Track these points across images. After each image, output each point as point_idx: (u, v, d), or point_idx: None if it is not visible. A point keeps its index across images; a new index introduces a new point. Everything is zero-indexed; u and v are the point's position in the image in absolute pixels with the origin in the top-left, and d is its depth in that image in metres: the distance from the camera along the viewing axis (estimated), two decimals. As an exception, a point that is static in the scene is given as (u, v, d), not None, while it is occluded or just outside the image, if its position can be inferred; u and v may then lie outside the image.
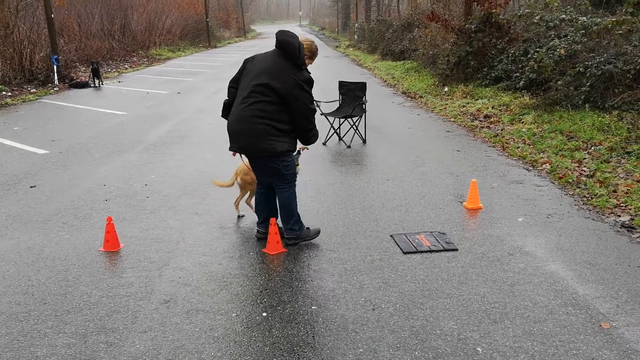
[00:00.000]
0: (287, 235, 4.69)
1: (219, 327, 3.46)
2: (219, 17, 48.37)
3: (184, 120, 10.55)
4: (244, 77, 4.46)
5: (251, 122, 4.28)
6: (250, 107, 4.29)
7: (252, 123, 4.28)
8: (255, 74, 4.34)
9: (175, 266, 4.32)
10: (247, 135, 4.33)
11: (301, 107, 4.33)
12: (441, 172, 6.83)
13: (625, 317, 3.49)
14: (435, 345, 3.23)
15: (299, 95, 4.29)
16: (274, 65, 4.32)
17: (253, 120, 4.28)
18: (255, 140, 4.31)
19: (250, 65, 4.46)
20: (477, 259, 4.38)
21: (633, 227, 4.94)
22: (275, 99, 4.26)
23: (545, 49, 10.46)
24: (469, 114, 10.47)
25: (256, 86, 4.28)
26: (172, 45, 30.40)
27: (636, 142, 7.14)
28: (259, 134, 4.28)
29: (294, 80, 4.26)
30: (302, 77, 4.32)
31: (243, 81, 4.45)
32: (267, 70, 4.29)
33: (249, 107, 4.29)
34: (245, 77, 4.45)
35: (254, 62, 4.46)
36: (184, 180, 6.55)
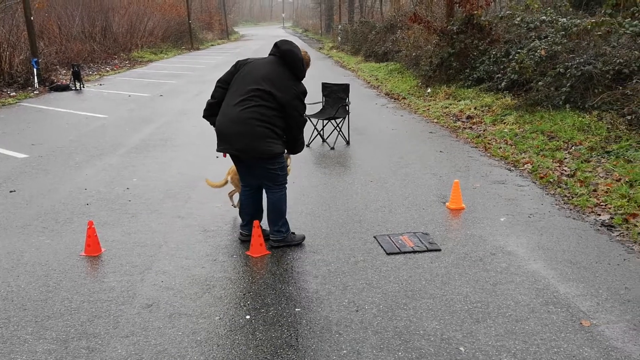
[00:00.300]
0: (273, 237, 4.67)
1: (202, 330, 3.44)
2: (202, 19, 48.15)
3: (166, 123, 10.49)
4: (238, 79, 4.44)
5: (252, 124, 4.27)
6: (250, 110, 4.28)
7: (253, 125, 4.27)
8: (254, 79, 4.34)
9: (158, 270, 4.29)
10: (246, 136, 4.30)
11: (297, 117, 4.43)
12: (424, 172, 6.86)
13: (606, 314, 3.53)
14: (419, 345, 3.24)
15: (297, 105, 4.39)
16: (275, 74, 4.36)
17: (254, 123, 4.27)
18: (255, 142, 4.30)
19: (246, 68, 4.45)
20: (459, 259, 4.40)
21: (613, 226, 5.01)
22: (275, 105, 4.31)
23: (526, 50, 10.57)
24: (451, 115, 10.54)
25: (256, 90, 4.29)
26: (154, 47, 30.19)
27: (615, 141, 7.23)
28: (259, 136, 4.29)
29: (294, 91, 4.34)
30: (301, 88, 4.43)
31: (237, 84, 4.43)
32: (269, 78, 4.32)
33: (249, 110, 4.28)
34: (239, 79, 4.43)
35: (250, 66, 4.45)
36: (167, 184, 6.51)
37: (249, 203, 4.74)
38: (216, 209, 5.61)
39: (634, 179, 5.93)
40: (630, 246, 4.58)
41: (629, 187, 5.77)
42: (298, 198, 5.92)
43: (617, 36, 9.86)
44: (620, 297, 3.74)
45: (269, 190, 4.59)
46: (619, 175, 6.17)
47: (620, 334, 3.30)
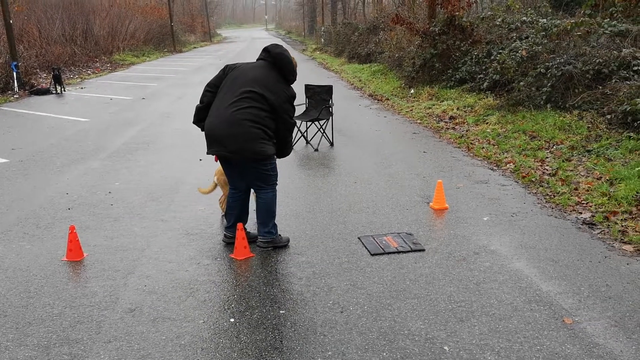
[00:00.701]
0: (263, 238, 4.65)
1: (186, 334, 3.42)
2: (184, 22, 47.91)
3: (149, 126, 10.41)
4: (228, 82, 4.44)
5: (245, 126, 4.26)
6: (243, 111, 4.27)
7: (246, 126, 4.26)
8: (246, 81, 4.34)
9: (141, 274, 4.25)
10: (239, 138, 4.27)
11: (286, 120, 4.46)
12: (408, 173, 6.89)
13: (587, 311, 3.57)
14: (403, 345, 3.24)
15: (288, 109, 4.44)
16: (266, 77, 4.38)
17: (246, 124, 4.26)
18: (249, 143, 4.29)
19: (235, 72, 4.45)
20: (443, 259, 4.42)
21: (594, 224, 5.06)
22: (267, 107, 4.33)
23: (507, 51, 10.67)
24: (434, 116, 10.59)
25: (248, 92, 4.29)
26: (136, 50, 29.98)
27: (596, 140, 7.33)
28: (252, 137, 4.28)
29: (285, 95, 4.39)
30: (291, 92, 4.48)
31: (227, 87, 4.42)
32: (260, 81, 4.34)
33: (241, 111, 4.27)
34: (229, 82, 4.42)
35: (239, 70, 4.46)
36: (149, 187, 6.46)
37: (236, 205, 4.72)
38: (199, 212, 5.58)
39: (614, 177, 6.01)
40: (611, 244, 4.64)
41: (610, 186, 5.85)
42: (282, 200, 5.90)
43: (596, 36, 10.00)
44: (602, 294, 3.78)
45: (261, 190, 4.58)
46: (600, 173, 6.25)
47: (602, 331, 3.34)
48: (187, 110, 12.15)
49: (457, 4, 13.28)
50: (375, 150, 8.19)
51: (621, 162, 6.45)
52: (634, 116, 7.19)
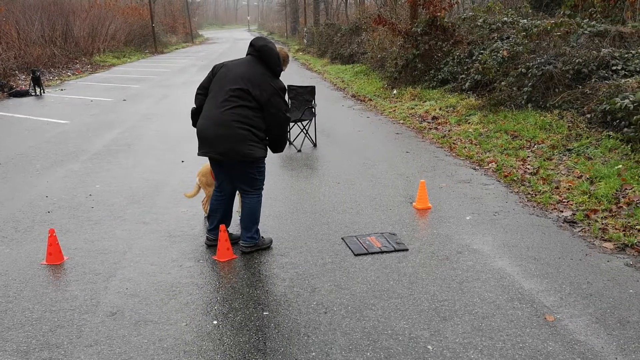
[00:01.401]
0: (244, 243, 4.59)
1: (168, 337, 3.38)
2: (166, 23, 47.58)
3: (130, 127, 10.31)
4: (216, 82, 4.39)
5: (233, 127, 4.22)
6: (231, 112, 4.23)
7: (234, 128, 4.22)
8: (232, 78, 4.29)
9: (122, 277, 4.20)
10: (228, 139, 4.24)
11: (277, 115, 4.34)
12: (391, 173, 6.90)
13: (569, 309, 3.60)
14: (387, 345, 3.24)
15: (276, 102, 4.31)
16: (252, 71, 4.30)
17: (235, 125, 4.22)
18: (237, 145, 4.24)
19: (223, 70, 4.41)
20: (427, 258, 4.43)
21: (575, 222, 5.11)
22: (254, 105, 4.26)
23: (488, 51, 10.75)
24: (417, 116, 10.63)
25: (234, 90, 4.24)
26: (117, 51, 29.70)
27: (576, 139, 7.40)
28: (240, 139, 4.23)
29: (272, 88, 4.28)
30: (279, 84, 4.36)
31: (215, 86, 4.38)
32: (246, 77, 4.26)
33: (228, 111, 4.23)
34: (218, 82, 4.38)
35: (227, 68, 4.41)
36: (130, 189, 6.39)
37: (219, 208, 4.67)
38: (181, 214, 5.53)
39: (594, 176, 6.07)
40: (592, 241, 4.69)
41: (590, 184, 5.91)
42: (265, 201, 5.86)
43: (576, 36, 10.12)
44: (583, 292, 3.82)
45: (246, 194, 4.53)
46: (580, 172, 6.31)
47: (583, 328, 3.37)
48: (169, 111, 12.08)
49: (438, 4, 13.35)
50: (359, 150, 8.19)
51: (601, 161, 6.52)
52: (613, 115, 7.28)
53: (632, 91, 7.27)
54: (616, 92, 7.59)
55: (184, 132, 9.70)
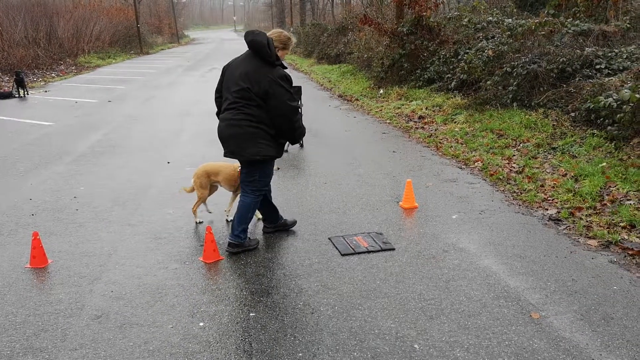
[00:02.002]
0: (230, 240, 4.58)
1: (154, 340, 3.36)
2: (151, 23, 47.30)
3: (115, 129, 10.23)
4: (225, 84, 4.45)
5: (243, 126, 4.30)
6: (240, 112, 4.30)
7: (244, 126, 4.30)
8: (234, 79, 4.32)
9: (107, 280, 4.17)
10: (237, 138, 4.33)
11: (279, 106, 4.26)
12: (378, 173, 6.91)
13: (554, 306, 3.62)
14: (374, 345, 3.24)
15: (276, 92, 4.23)
16: (249, 68, 4.28)
17: (245, 124, 4.30)
18: (245, 142, 4.32)
19: (228, 71, 4.44)
20: (413, 258, 4.44)
21: (559, 220, 5.15)
22: (258, 102, 4.26)
23: (474, 51, 10.81)
24: (403, 116, 10.66)
25: (238, 92, 4.28)
26: (102, 52, 29.46)
27: (561, 138, 7.46)
28: (249, 137, 4.31)
29: (269, 79, 4.21)
30: (277, 73, 4.25)
31: (224, 88, 4.44)
32: (244, 74, 4.27)
33: (239, 112, 4.30)
34: (225, 84, 4.43)
35: (231, 69, 4.43)
36: (115, 191, 6.34)
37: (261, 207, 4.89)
38: (168, 216, 5.50)
39: (578, 174, 6.12)
40: (577, 239, 4.72)
41: (574, 182, 5.96)
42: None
43: (560, 36, 10.21)
44: (568, 289, 3.85)
45: (243, 193, 4.58)
46: (565, 170, 6.36)
47: (568, 325, 3.39)
48: (154, 113, 12.00)
49: (424, 4, 13.40)
50: (345, 150, 8.19)
51: (585, 159, 6.58)
52: (597, 114, 7.34)
53: (615, 90, 7.34)
54: (600, 90, 7.67)
55: (170, 133, 9.65)
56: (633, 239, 4.57)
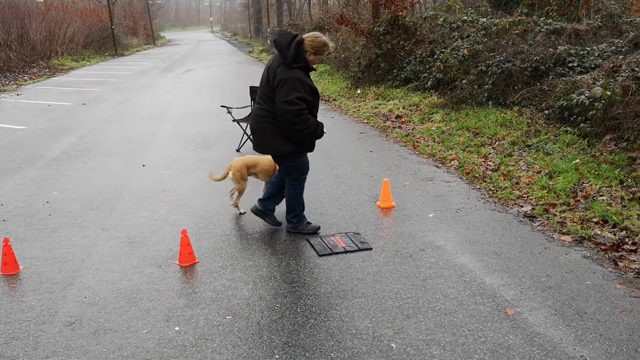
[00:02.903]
0: (287, 226, 5.02)
1: (129, 345, 3.31)
2: (126, 25, 46.77)
3: (89, 132, 10.08)
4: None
5: (262, 122, 4.57)
6: (262, 108, 4.56)
7: (263, 122, 4.57)
8: (264, 75, 4.58)
9: (81, 285, 4.10)
10: (258, 133, 4.66)
11: (278, 105, 4.37)
12: (355, 173, 6.91)
13: (528, 302, 3.65)
14: (351, 345, 3.23)
15: (280, 91, 4.34)
16: (274, 64, 4.48)
17: (264, 120, 4.56)
18: (265, 138, 4.62)
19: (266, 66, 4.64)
20: (390, 257, 4.45)
21: (534, 217, 5.20)
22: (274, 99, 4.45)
23: (449, 50, 10.89)
24: (381, 115, 10.69)
25: (262, 88, 4.57)
26: (76, 54, 29.04)
27: (535, 135, 7.55)
28: (269, 132, 4.56)
29: (279, 78, 4.35)
30: (289, 74, 4.34)
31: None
32: (271, 73, 4.45)
33: (261, 108, 4.58)
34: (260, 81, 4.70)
35: (266, 66, 4.63)
36: (89, 195, 6.24)
37: (275, 182, 5.12)
38: (143, 219, 5.43)
39: (553, 171, 6.20)
40: (551, 235, 4.78)
41: (549, 179, 6.03)
42: (229, 204, 5.82)
43: (533, 34, 10.33)
44: (542, 285, 3.89)
45: (286, 183, 4.92)
46: (539, 167, 6.43)
47: (543, 320, 3.42)
48: (129, 115, 11.87)
49: (400, 4, 13.46)
50: (323, 150, 8.16)
51: (559, 156, 6.66)
52: (570, 111, 7.44)
53: (587, 87, 7.45)
54: (572, 88, 7.77)
55: (145, 135, 9.55)
56: (606, 234, 4.64)
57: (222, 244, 4.79)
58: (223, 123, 9.91)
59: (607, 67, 7.87)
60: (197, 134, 9.49)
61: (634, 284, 3.86)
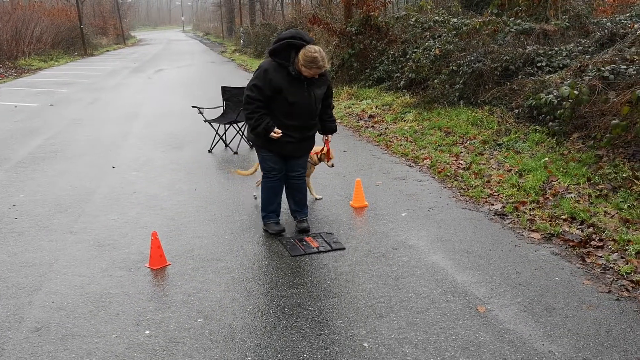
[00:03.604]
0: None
1: (97, 350, 3.24)
2: (95, 24, 46.05)
3: (57, 133, 9.88)
4: None
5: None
6: None
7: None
8: None
9: (48, 290, 4.01)
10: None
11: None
12: (328, 173, 6.90)
13: (499, 299, 3.69)
14: (324, 345, 3.23)
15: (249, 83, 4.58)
16: None
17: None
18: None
19: None
20: (363, 256, 4.45)
21: (505, 214, 5.27)
22: None
23: (421, 50, 10.96)
24: (354, 115, 10.71)
25: None
26: (44, 54, 28.47)
27: (505, 134, 7.64)
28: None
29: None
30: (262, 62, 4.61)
31: None
32: None
33: None
34: None
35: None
36: (57, 198, 6.11)
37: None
38: (112, 222, 5.34)
39: (522, 169, 6.28)
40: (521, 232, 4.84)
41: (519, 177, 6.11)
42: (201, 205, 5.77)
43: (503, 35, 10.46)
44: (512, 282, 3.93)
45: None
46: (510, 166, 6.52)
47: (513, 317, 3.46)
48: (99, 116, 11.68)
49: (372, 4, 13.50)
50: (296, 150, 8.14)
51: (529, 154, 6.75)
52: (539, 110, 7.56)
53: (555, 86, 7.57)
54: (541, 87, 7.90)
55: (115, 137, 9.40)
56: (573, 231, 4.72)
57: (194, 246, 4.74)
58: (195, 124, 9.82)
59: (575, 67, 8.02)
60: (169, 135, 9.38)
61: (600, 280, 3.93)
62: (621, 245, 4.35)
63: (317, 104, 4.61)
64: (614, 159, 5.88)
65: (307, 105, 4.52)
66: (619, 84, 6.78)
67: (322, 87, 4.59)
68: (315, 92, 4.52)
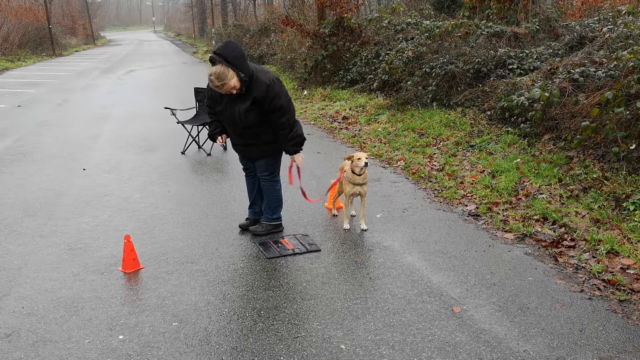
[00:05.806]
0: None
1: (70, 356, 3.17)
2: (64, 24, 45.23)
3: (26, 135, 9.65)
4: None
5: None
6: None
7: None
8: None
9: (18, 295, 3.91)
10: None
11: None
12: (303, 174, 6.86)
13: (474, 299, 3.73)
14: (301, 347, 3.21)
15: None
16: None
17: None
18: None
19: None
20: (339, 258, 4.45)
21: (478, 215, 5.32)
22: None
23: (394, 52, 11.02)
24: (328, 116, 10.72)
25: None
26: (11, 54, 27.84)
27: (478, 135, 7.73)
28: None
29: None
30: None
31: None
32: None
33: None
34: None
35: None
36: (26, 201, 5.97)
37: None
38: (83, 225, 5.23)
39: (495, 170, 6.37)
40: (494, 233, 4.90)
41: (492, 178, 6.19)
42: (174, 208, 5.70)
43: (475, 37, 10.58)
44: (487, 282, 3.97)
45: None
46: (483, 167, 6.59)
47: (488, 317, 3.50)
48: (69, 117, 11.46)
49: (345, 5, 13.54)
50: (270, 152, 8.11)
51: (501, 156, 6.85)
52: (510, 112, 7.67)
53: (526, 89, 7.69)
54: (513, 89, 8.01)
55: (86, 138, 9.24)
56: (546, 231, 4.79)
57: (168, 248, 4.68)
58: (167, 125, 9.70)
59: (545, 69, 8.16)
60: (140, 137, 9.25)
61: (573, 279, 4.00)
62: (592, 245, 4.44)
63: (241, 116, 4.51)
64: (584, 160, 6.00)
65: (230, 117, 4.60)
66: (588, 86, 6.93)
67: (246, 102, 4.46)
68: (239, 105, 4.48)
